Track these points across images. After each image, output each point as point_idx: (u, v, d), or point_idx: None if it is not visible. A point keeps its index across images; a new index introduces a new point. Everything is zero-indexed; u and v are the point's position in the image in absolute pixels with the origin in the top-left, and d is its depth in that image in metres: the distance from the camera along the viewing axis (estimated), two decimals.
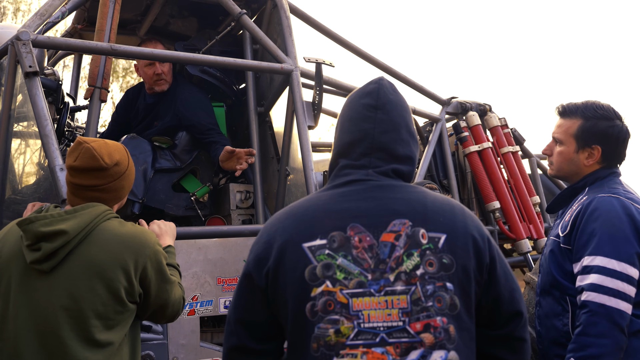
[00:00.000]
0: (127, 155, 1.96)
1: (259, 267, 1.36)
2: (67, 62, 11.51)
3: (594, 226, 1.96)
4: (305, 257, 1.30)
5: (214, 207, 3.54)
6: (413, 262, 1.29)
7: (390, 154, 1.41)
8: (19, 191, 3.16)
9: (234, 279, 2.89)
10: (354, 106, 1.47)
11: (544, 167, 5.03)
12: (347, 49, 3.74)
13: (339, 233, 1.31)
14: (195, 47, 3.57)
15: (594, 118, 2.11)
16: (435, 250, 1.30)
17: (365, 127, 1.42)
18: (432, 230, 1.32)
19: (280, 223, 1.40)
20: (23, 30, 2.58)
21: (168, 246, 2.20)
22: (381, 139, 1.41)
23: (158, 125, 3.37)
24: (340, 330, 1.25)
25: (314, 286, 1.28)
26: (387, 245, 1.30)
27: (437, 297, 1.27)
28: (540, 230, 4.30)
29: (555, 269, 2.07)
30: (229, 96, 3.68)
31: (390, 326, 1.25)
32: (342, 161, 1.44)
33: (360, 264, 1.29)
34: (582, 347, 1.87)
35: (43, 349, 1.70)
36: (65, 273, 1.73)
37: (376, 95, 1.44)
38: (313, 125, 3.04)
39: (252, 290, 1.37)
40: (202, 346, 2.80)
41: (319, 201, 1.40)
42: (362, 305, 1.26)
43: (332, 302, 1.27)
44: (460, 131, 4.30)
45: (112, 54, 2.81)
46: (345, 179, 1.41)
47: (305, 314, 1.28)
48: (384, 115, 1.42)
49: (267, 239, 1.38)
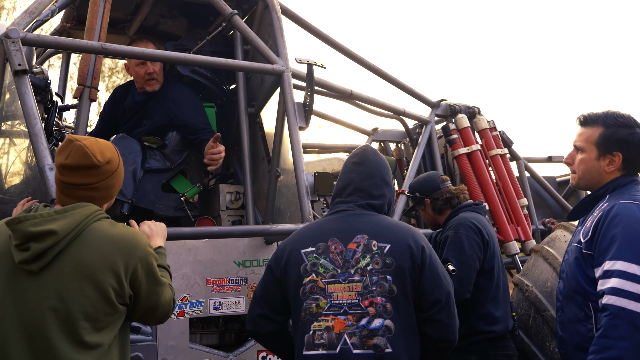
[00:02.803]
0: (117, 154, 1.94)
1: (277, 264, 2.08)
2: (52, 62, 11.40)
3: (615, 231, 2.00)
4: (301, 258, 2.02)
5: (204, 208, 3.53)
6: (365, 262, 1.96)
7: (367, 193, 2.10)
8: (6, 191, 3.12)
9: (223, 280, 2.88)
10: (346, 164, 2.19)
11: (532, 170, 5.07)
12: (338, 51, 3.74)
13: (323, 243, 2.02)
14: (186, 47, 3.55)
15: (614, 126, 2.16)
16: (381, 254, 1.95)
17: (351, 176, 2.14)
18: (381, 241, 1.97)
19: (291, 237, 2.14)
20: (12, 28, 2.55)
21: (158, 247, 2.18)
22: (361, 184, 2.11)
23: (147, 124, 3.35)
24: (320, 304, 1.94)
25: (305, 276, 1.99)
26: (351, 251, 1.98)
27: (379, 284, 1.92)
28: (528, 232, 4.34)
29: (579, 275, 2.11)
30: (219, 97, 3.67)
31: (350, 302, 1.92)
32: (337, 199, 2.16)
33: (334, 263, 1.98)
34: (602, 349, 1.91)
35: (31, 350, 1.67)
36: (55, 274, 1.71)
37: (360, 156, 2.16)
38: (304, 126, 3.04)
39: (273, 278, 2.09)
40: (191, 347, 2.79)
41: (315, 224, 2.15)
42: (334, 289, 1.95)
43: (315, 287, 1.96)
44: (449, 133, 4.32)
45: (103, 53, 2.79)
46: (335, 209, 2.13)
47: (299, 294, 1.98)
48: (364, 168, 2.13)
49: (283, 246, 2.12)
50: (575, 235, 2.25)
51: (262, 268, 2.97)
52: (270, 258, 2.14)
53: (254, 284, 2.94)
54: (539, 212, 4.94)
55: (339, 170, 4.39)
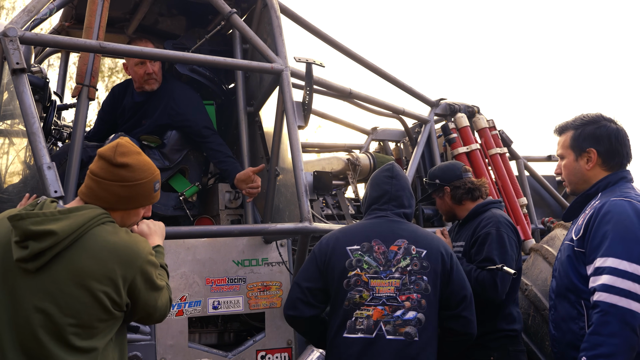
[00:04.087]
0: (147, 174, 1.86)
1: (321, 255, 2.35)
2: (51, 61, 11.39)
3: (606, 228, 2.02)
4: (347, 254, 2.31)
5: (203, 207, 3.52)
6: (406, 263, 2.29)
7: (400, 203, 2.44)
8: (4, 190, 3.12)
9: (222, 279, 2.88)
10: (378, 176, 2.51)
11: (531, 169, 5.07)
12: (338, 50, 3.74)
13: (367, 243, 2.32)
14: (185, 45, 3.55)
15: (581, 125, 2.26)
16: (419, 258, 2.29)
17: (385, 187, 2.46)
18: (419, 247, 2.31)
19: (335, 234, 2.42)
20: (10, 26, 2.55)
21: (157, 246, 2.17)
22: (396, 194, 2.44)
23: (147, 123, 3.34)
24: (363, 296, 2.25)
25: (350, 270, 2.28)
26: (392, 252, 2.31)
27: (416, 283, 2.25)
28: (528, 231, 4.33)
29: (571, 273, 2.13)
30: (218, 95, 3.66)
31: (389, 296, 2.24)
32: (374, 205, 2.47)
33: (377, 261, 2.30)
34: (593, 346, 1.92)
35: (22, 349, 1.66)
36: (51, 276, 1.68)
37: (392, 170, 2.50)
38: (303, 125, 3.03)
39: (316, 267, 2.35)
40: (190, 347, 2.78)
41: (359, 225, 2.46)
42: (376, 284, 2.26)
43: (359, 280, 2.27)
44: (448, 132, 4.32)
45: (101, 51, 2.78)
46: (374, 215, 2.44)
47: (343, 286, 2.27)
48: (397, 181, 2.46)
49: (327, 241, 2.39)
50: (568, 233, 2.28)
51: (261, 267, 2.97)
52: (313, 250, 2.39)
53: (253, 283, 2.93)
54: (538, 212, 4.94)
55: (338, 170, 4.41)
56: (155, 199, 1.95)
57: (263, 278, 2.96)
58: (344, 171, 4.40)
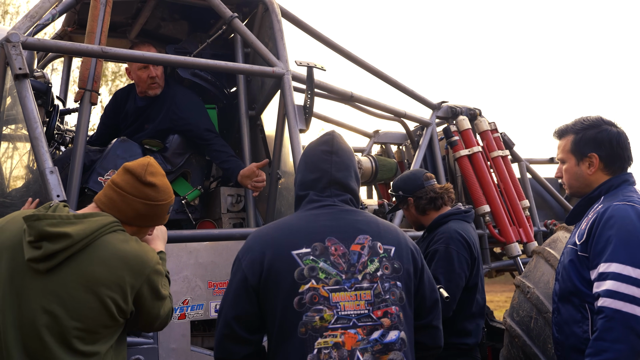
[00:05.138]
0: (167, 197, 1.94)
1: (253, 270, 1.70)
2: (55, 66, 11.44)
3: (609, 233, 2.02)
4: (295, 262, 1.68)
5: (205, 211, 3.53)
6: (374, 266, 1.72)
7: (344, 186, 1.86)
8: (7, 194, 3.13)
9: (224, 282, 2.88)
10: (313, 152, 1.90)
11: (533, 171, 5.07)
12: (339, 53, 3.75)
13: (319, 244, 1.71)
14: (187, 50, 3.56)
15: (582, 129, 2.24)
16: (388, 258, 1.75)
17: (324, 166, 1.85)
18: (386, 243, 1.77)
19: (269, 236, 1.77)
20: (13, 32, 2.56)
21: (159, 252, 2.19)
22: (337, 175, 1.85)
23: (149, 128, 3.35)
24: (324, 317, 1.64)
25: (302, 284, 1.66)
26: (355, 253, 1.72)
27: (391, 291, 1.71)
28: (530, 234, 4.33)
29: (575, 277, 2.12)
30: (220, 99, 3.67)
31: (359, 313, 1.66)
32: (310, 192, 1.86)
33: (337, 267, 1.69)
34: (598, 352, 1.92)
35: (26, 350, 1.67)
36: (61, 279, 1.70)
37: (331, 143, 1.89)
38: (304, 128, 3.04)
39: (247, 290, 1.70)
40: (192, 350, 2.78)
41: (301, 220, 1.80)
42: (339, 298, 1.66)
43: (317, 295, 1.65)
44: (450, 135, 4.32)
45: (103, 56, 2.79)
46: (318, 204, 1.82)
47: (293, 306, 1.64)
48: (337, 158, 1.87)
49: (260, 248, 1.73)
50: (570, 237, 2.27)
51: None
52: (238, 261, 1.75)
53: None
54: (540, 214, 4.94)
55: None
56: (165, 220, 2.02)
57: None
58: None
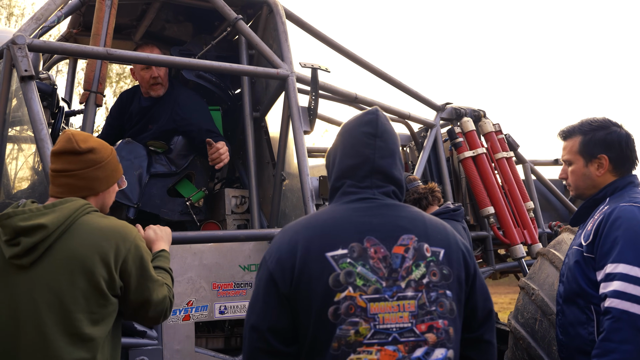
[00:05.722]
0: (109, 150, 1.96)
1: (283, 273, 1.47)
2: (60, 67, 11.48)
3: (616, 234, 2.01)
4: (330, 265, 1.44)
5: (209, 212, 3.53)
6: (420, 272, 1.47)
7: (388, 176, 1.59)
8: (13, 195, 3.14)
9: (229, 284, 2.88)
10: (354, 133, 1.62)
11: (538, 173, 5.06)
12: (343, 55, 3.75)
13: (357, 244, 1.47)
14: (191, 51, 3.57)
15: (591, 131, 2.23)
16: (437, 262, 1.50)
17: (366, 152, 1.58)
18: (434, 245, 1.51)
19: (299, 234, 1.52)
20: (19, 34, 2.57)
21: (162, 250, 2.19)
22: (380, 163, 1.58)
23: (153, 128, 3.37)
24: (359, 330, 1.41)
25: (338, 291, 1.42)
26: (398, 257, 1.48)
27: (439, 302, 1.46)
28: (535, 235, 4.32)
29: (580, 278, 2.12)
30: (224, 101, 3.68)
31: (401, 327, 1.43)
32: (347, 181, 1.60)
33: (377, 273, 1.45)
34: (605, 352, 1.92)
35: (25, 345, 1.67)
36: (46, 268, 1.72)
37: (375, 124, 1.60)
38: (309, 130, 3.04)
39: (279, 297, 1.46)
40: (197, 351, 2.79)
41: (335, 214, 1.55)
42: (378, 309, 1.43)
43: (353, 306, 1.42)
44: (454, 137, 4.32)
45: (108, 58, 2.80)
46: (355, 197, 1.57)
47: (328, 317, 1.41)
48: (382, 142, 1.59)
49: (290, 248, 1.49)
50: (575, 239, 2.27)
51: None
52: (265, 264, 1.52)
53: None
54: (545, 215, 4.93)
55: None
56: (121, 168, 2.05)
57: None
58: None
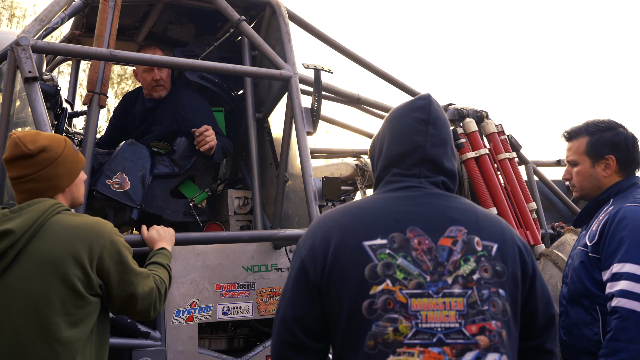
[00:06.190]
0: (62, 143, 1.88)
1: (315, 262, 1.37)
2: (61, 69, 11.50)
3: (622, 234, 2.02)
4: (366, 255, 1.33)
5: (212, 213, 3.54)
6: (470, 267, 1.34)
7: (438, 166, 1.47)
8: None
9: (232, 285, 2.88)
10: (404, 119, 1.51)
11: (540, 174, 5.05)
12: (346, 56, 3.75)
13: (398, 234, 1.35)
14: (194, 53, 3.57)
15: (598, 131, 2.23)
16: (489, 258, 1.36)
17: (417, 139, 1.47)
18: (485, 238, 1.38)
19: (336, 221, 1.42)
20: (23, 35, 2.57)
21: (161, 248, 2.19)
22: (431, 152, 1.46)
23: (156, 130, 3.37)
24: (399, 329, 1.28)
25: (374, 284, 1.30)
26: (445, 249, 1.35)
27: (491, 301, 1.32)
28: (537, 236, 4.31)
29: (585, 279, 2.12)
30: (227, 102, 3.68)
31: (447, 327, 1.29)
32: (393, 169, 1.49)
33: (420, 266, 1.33)
34: (613, 352, 1.91)
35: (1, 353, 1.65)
36: (18, 273, 1.68)
37: (428, 110, 1.49)
38: (312, 131, 3.04)
39: (308, 287, 1.37)
40: (200, 353, 2.79)
41: (376, 203, 1.44)
42: (421, 306, 1.30)
43: (391, 300, 1.30)
44: (457, 138, 4.30)
45: (112, 59, 2.81)
46: (400, 185, 1.46)
47: (362, 312, 1.30)
48: (434, 130, 1.47)
49: (324, 235, 1.39)
50: (579, 240, 2.27)
51: (270, 273, 2.97)
52: (298, 252, 1.43)
53: (262, 289, 2.94)
54: (548, 216, 4.91)
55: (346, 175, 4.41)
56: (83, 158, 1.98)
57: (272, 284, 2.97)
58: (353, 177, 4.40)
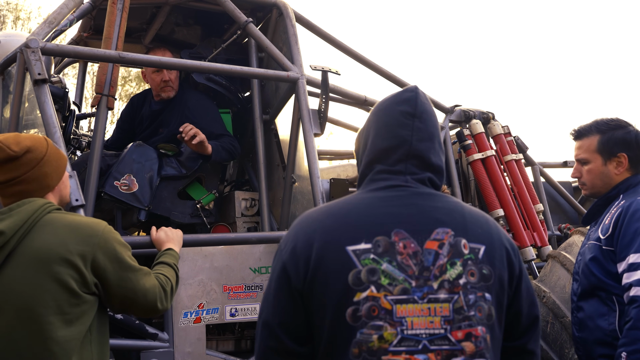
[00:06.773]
0: (44, 142, 1.86)
1: (297, 266, 1.31)
2: (66, 71, 11.53)
3: (637, 226, 2.04)
4: (350, 261, 1.28)
5: (219, 215, 3.54)
6: (456, 271, 1.29)
7: (425, 162, 1.41)
8: None
9: (239, 286, 2.89)
10: (390, 112, 1.44)
11: (547, 175, 5.04)
12: (353, 58, 3.75)
13: (383, 238, 1.30)
14: (201, 54, 3.58)
15: (609, 130, 2.25)
16: (475, 261, 1.32)
17: (402, 134, 1.40)
18: (473, 240, 1.33)
19: (319, 222, 1.35)
20: (32, 38, 2.59)
21: (168, 248, 2.19)
22: (418, 146, 1.40)
23: (164, 132, 3.38)
24: (384, 336, 1.24)
25: (358, 291, 1.26)
26: (431, 253, 1.30)
27: (478, 306, 1.28)
28: (544, 238, 4.30)
29: (599, 272, 2.14)
30: (234, 104, 3.69)
31: (432, 333, 1.25)
32: (377, 166, 1.42)
33: (405, 270, 1.28)
34: (633, 341, 1.93)
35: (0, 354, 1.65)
36: (10, 274, 1.67)
37: (414, 103, 1.43)
38: (319, 132, 3.04)
39: (290, 292, 1.31)
40: (208, 354, 2.79)
41: (360, 204, 1.37)
42: (406, 312, 1.26)
43: (376, 307, 1.25)
44: (463, 139, 4.31)
45: (120, 61, 2.82)
46: (384, 184, 1.39)
47: (346, 319, 1.25)
48: (420, 124, 1.41)
49: (306, 237, 1.33)
50: (589, 236, 2.29)
51: None
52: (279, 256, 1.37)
53: None
54: (554, 218, 4.91)
55: (352, 177, 4.40)
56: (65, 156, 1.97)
57: None
58: None
